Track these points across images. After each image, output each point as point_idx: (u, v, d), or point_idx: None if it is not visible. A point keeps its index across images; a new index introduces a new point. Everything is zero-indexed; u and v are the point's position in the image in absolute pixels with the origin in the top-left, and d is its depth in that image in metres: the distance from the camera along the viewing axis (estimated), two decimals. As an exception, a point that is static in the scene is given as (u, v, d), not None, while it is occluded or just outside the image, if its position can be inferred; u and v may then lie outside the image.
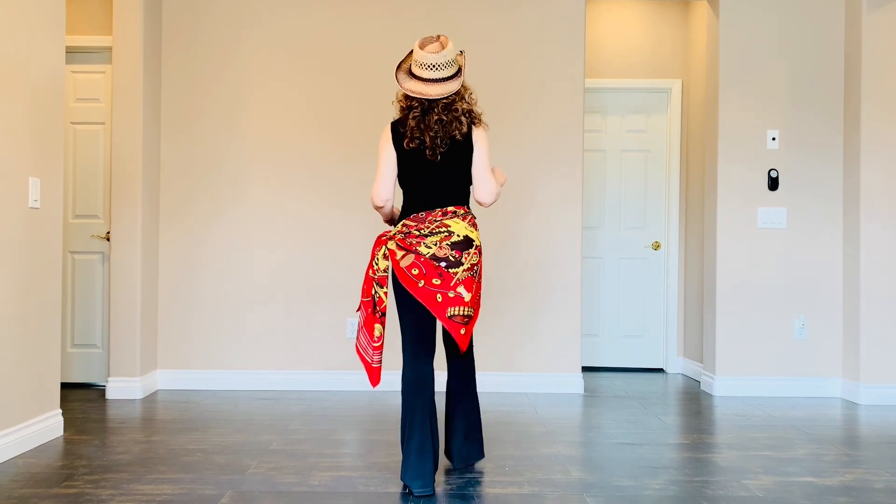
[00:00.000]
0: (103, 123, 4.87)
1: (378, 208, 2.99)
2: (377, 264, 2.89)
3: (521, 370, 4.90)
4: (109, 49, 4.77)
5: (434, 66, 2.80)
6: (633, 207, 5.87)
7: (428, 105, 2.85)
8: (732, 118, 4.90)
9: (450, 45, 2.84)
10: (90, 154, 4.88)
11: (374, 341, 2.87)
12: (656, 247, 5.84)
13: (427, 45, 2.85)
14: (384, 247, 2.90)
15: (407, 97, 2.90)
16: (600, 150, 5.87)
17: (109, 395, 4.57)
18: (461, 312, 2.81)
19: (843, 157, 4.90)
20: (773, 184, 4.88)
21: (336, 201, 4.91)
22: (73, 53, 4.77)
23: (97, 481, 2.96)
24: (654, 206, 5.86)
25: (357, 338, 2.98)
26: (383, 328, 2.89)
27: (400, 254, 2.85)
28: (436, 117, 2.84)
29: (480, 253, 2.94)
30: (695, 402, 4.73)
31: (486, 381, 4.85)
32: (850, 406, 4.60)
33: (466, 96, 2.92)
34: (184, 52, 4.90)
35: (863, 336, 4.67)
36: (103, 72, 4.87)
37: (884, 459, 3.40)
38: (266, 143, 4.91)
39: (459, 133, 2.86)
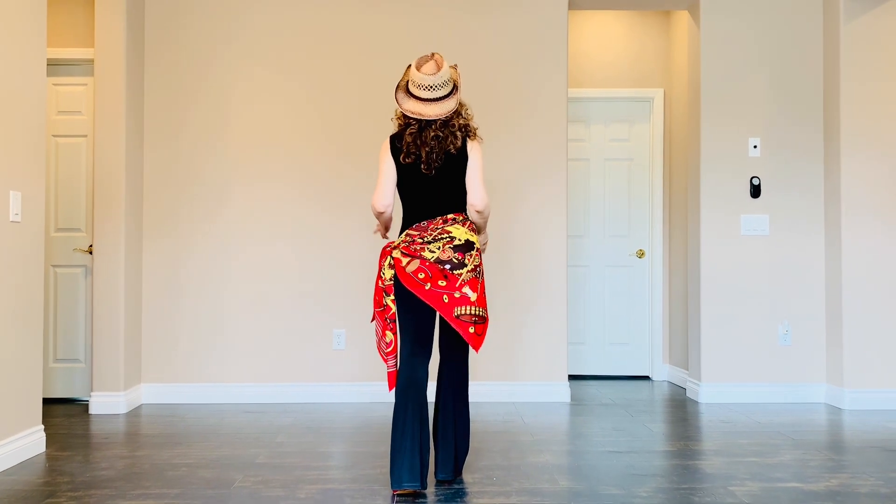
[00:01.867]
0: (85, 136, 4.84)
1: (379, 214, 3.10)
2: (384, 274, 3.02)
3: (507, 379, 4.90)
4: (91, 61, 4.75)
5: (431, 87, 2.94)
6: (618, 216, 5.90)
7: (425, 122, 2.98)
8: (714, 126, 4.95)
9: (445, 66, 2.97)
10: (72, 167, 4.84)
11: (387, 347, 3.02)
12: (641, 255, 5.87)
13: (423, 65, 2.97)
14: (389, 257, 3.02)
15: (405, 115, 3.01)
16: (584, 158, 5.90)
17: (93, 410, 4.52)
18: (468, 311, 2.92)
19: (823, 163, 4.95)
20: (756, 191, 4.92)
21: (322, 210, 4.90)
22: (54, 66, 4.74)
23: (80, 498, 2.92)
24: (638, 214, 5.90)
25: (378, 344, 3.10)
26: (394, 334, 3.02)
27: (405, 260, 2.96)
28: (433, 133, 2.97)
29: (481, 255, 3.06)
30: (681, 409, 4.75)
31: (473, 391, 4.83)
32: (835, 411, 4.63)
33: (463, 112, 3.05)
34: (166, 63, 4.89)
35: (846, 341, 4.71)
36: (85, 84, 4.84)
37: (868, 464, 3.43)
38: (250, 152, 4.90)
39: (454, 147, 2.99)
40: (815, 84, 4.96)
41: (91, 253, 4.74)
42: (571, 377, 5.74)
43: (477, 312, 2.93)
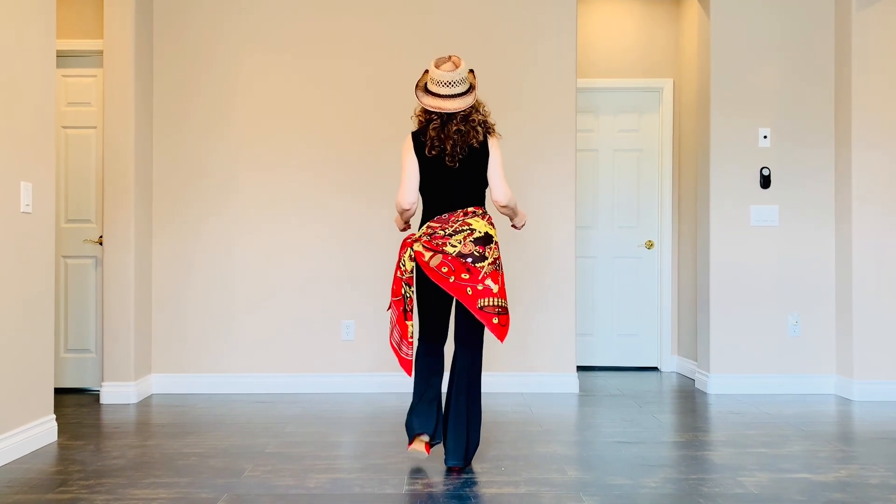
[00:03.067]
0: (95, 127, 4.86)
1: (404, 211, 3.19)
2: (404, 266, 3.15)
3: (516, 370, 4.90)
4: (100, 52, 4.76)
5: (450, 83, 3.07)
6: (626, 206, 5.89)
7: (447, 117, 3.11)
8: (724, 117, 4.92)
9: (462, 65, 3.11)
10: (82, 158, 4.86)
11: (409, 337, 3.16)
12: (650, 246, 5.86)
13: (441, 64, 3.11)
14: (410, 249, 3.15)
15: (426, 111, 3.15)
16: (593, 149, 5.89)
17: (104, 399, 4.56)
18: (491, 303, 3.04)
19: (834, 154, 4.92)
20: (766, 182, 4.90)
21: (331, 198, 4.91)
22: (63, 57, 4.75)
23: (92, 486, 2.94)
24: (647, 205, 5.88)
25: (391, 333, 3.25)
26: (413, 324, 3.16)
27: (428, 255, 3.09)
28: (455, 127, 3.09)
29: (499, 248, 3.23)
30: (689, 400, 4.74)
31: (482, 381, 4.85)
32: (844, 402, 4.62)
33: (481, 109, 3.19)
34: (175, 53, 4.89)
35: (856, 332, 4.69)
36: (95, 75, 4.85)
37: (878, 455, 3.42)
38: (259, 143, 4.90)
39: (476, 141, 3.12)
40: (825, 74, 4.93)
41: (101, 244, 4.76)
42: (580, 368, 5.74)
43: (499, 304, 3.05)
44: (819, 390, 4.88)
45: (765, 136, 4.91)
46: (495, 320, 3.03)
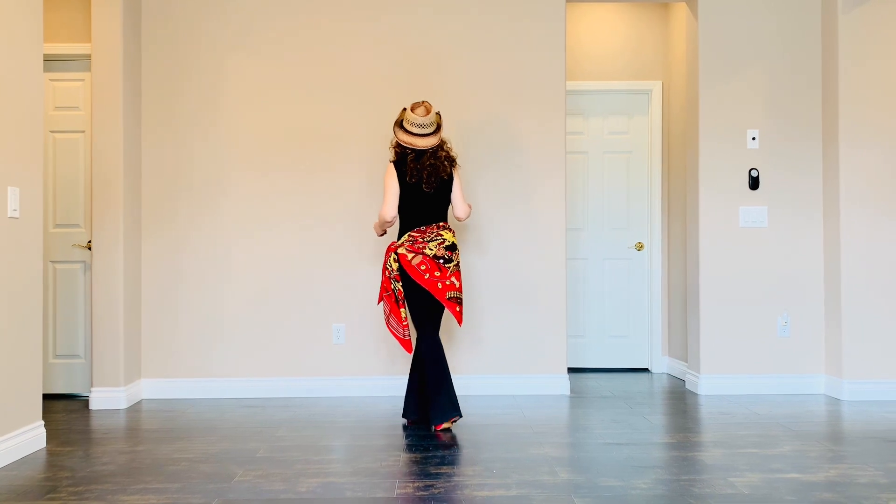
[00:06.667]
0: (83, 132, 4.83)
1: (386, 222, 3.98)
2: (390, 266, 3.96)
3: (507, 372, 4.91)
4: (88, 56, 4.74)
5: (421, 125, 3.93)
6: (616, 208, 5.90)
7: (420, 152, 3.95)
8: (713, 118, 4.95)
9: (432, 111, 3.95)
10: (70, 162, 4.84)
11: (403, 321, 4.00)
12: (639, 247, 5.87)
13: (416, 108, 3.95)
14: (394, 252, 3.94)
15: (400, 145, 3.98)
16: (582, 151, 5.90)
17: (93, 405, 4.53)
18: (454, 295, 3.94)
19: (822, 155, 4.95)
20: (754, 183, 4.92)
21: (319, 206, 4.90)
22: (51, 61, 4.73)
23: (81, 493, 2.92)
24: (637, 206, 5.90)
25: (387, 322, 4.06)
26: (405, 310, 4.00)
27: (410, 256, 3.90)
28: (428, 161, 3.94)
29: (459, 254, 4.13)
30: (680, 401, 4.75)
31: (472, 384, 4.86)
32: (834, 402, 4.64)
33: (445, 146, 4.03)
34: (164, 57, 4.87)
35: (845, 333, 4.72)
36: (82, 79, 4.83)
37: (867, 454, 3.43)
38: (248, 148, 4.89)
39: (446, 174, 3.99)
40: (813, 75, 4.96)
41: (90, 249, 4.74)
42: (571, 370, 5.75)
43: (459, 296, 3.96)
44: (809, 390, 4.91)
45: (753, 138, 4.94)
46: (458, 308, 3.93)
